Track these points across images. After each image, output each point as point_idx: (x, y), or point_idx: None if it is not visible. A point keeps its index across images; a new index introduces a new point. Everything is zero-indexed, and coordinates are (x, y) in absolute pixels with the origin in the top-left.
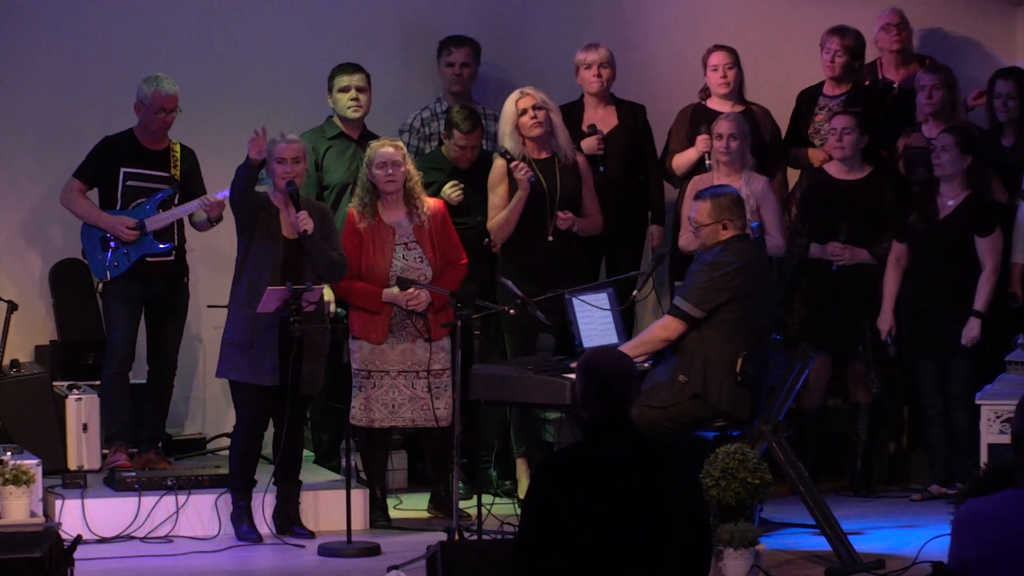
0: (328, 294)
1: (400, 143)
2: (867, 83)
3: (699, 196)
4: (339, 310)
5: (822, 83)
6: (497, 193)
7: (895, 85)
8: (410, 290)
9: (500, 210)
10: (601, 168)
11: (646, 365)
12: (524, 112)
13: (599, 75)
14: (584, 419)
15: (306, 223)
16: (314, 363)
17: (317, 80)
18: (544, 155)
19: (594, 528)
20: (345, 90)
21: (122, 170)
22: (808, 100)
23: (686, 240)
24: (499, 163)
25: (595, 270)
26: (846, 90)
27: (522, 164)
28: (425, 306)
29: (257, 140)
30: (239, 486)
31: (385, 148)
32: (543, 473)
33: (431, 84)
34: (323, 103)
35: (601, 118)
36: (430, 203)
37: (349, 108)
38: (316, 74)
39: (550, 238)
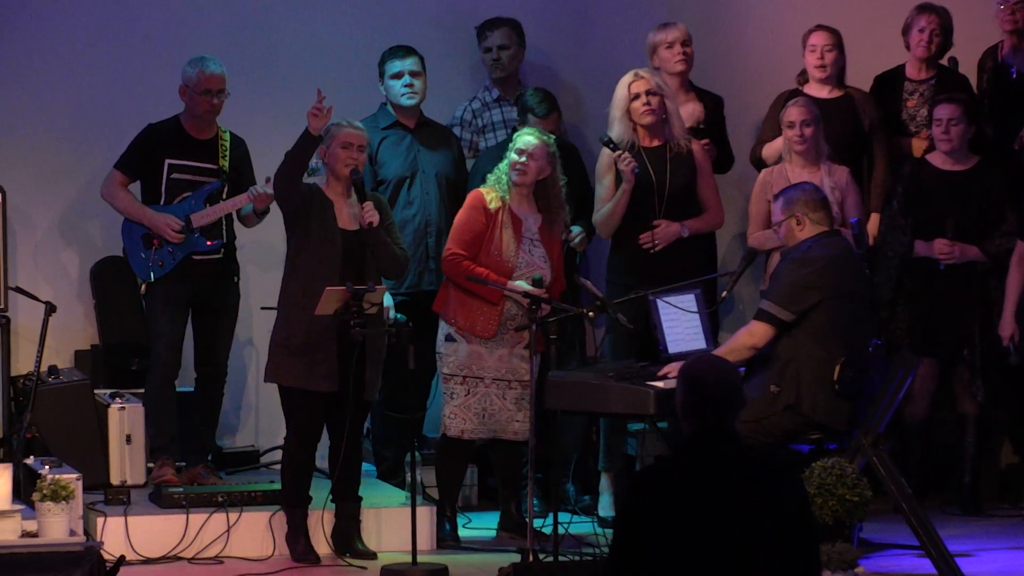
0: (388, 300)
1: (550, 138)
2: (946, 64)
3: (775, 197)
4: (399, 315)
5: (900, 67)
6: (603, 184)
7: (1014, 70)
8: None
9: (606, 202)
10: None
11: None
12: (636, 97)
13: (684, 53)
14: (684, 431)
15: (372, 215)
16: (374, 368)
17: (366, 65)
18: (656, 143)
19: (693, 545)
20: (397, 76)
21: (167, 161)
22: (890, 85)
23: (757, 239)
24: (605, 152)
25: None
26: (933, 74)
27: (626, 155)
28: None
29: (319, 114)
30: (293, 502)
31: (527, 137)
32: (639, 485)
33: (480, 72)
34: (372, 91)
35: (682, 104)
36: (559, 207)
37: (403, 95)
38: (366, 59)
39: (656, 244)
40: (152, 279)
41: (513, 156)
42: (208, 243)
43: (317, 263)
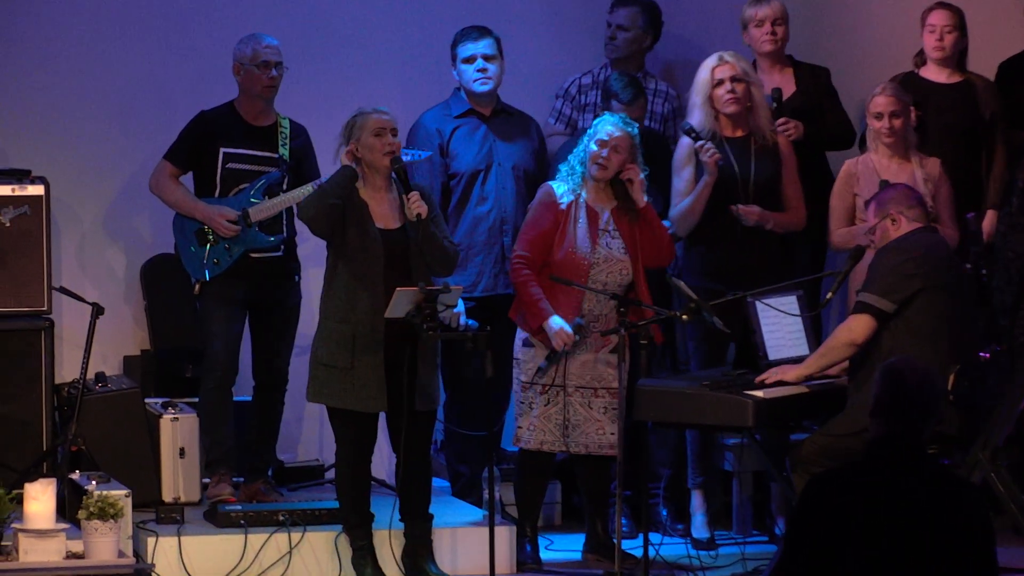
0: (457, 305)
1: (634, 127)
2: None
3: (865, 204)
4: (470, 321)
5: None
6: (682, 177)
7: None
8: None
9: (685, 196)
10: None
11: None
12: (720, 83)
13: (773, 33)
14: (869, 436)
15: (420, 205)
16: (430, 375)
17: (438, 46)
18: (739, 133)
19: (869, 563)
20: (470, 60)
21: (221, 150)
22: (1015, 73)
23: (842, 236)
24: (685, 142)
25: (790, 262)
26: None
27: (710, 146)
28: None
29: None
30: (354, 523)
31: (610, 127)
32: (813, 494)
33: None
34: (443, 75)
35: (779, 83)
36: (638, 198)
37: (476, 81)
38: (438, 39)
39: (741, 231)
40: (207, 278)
41: (593, 148)
42: (267, 239)
43: (357, 272)
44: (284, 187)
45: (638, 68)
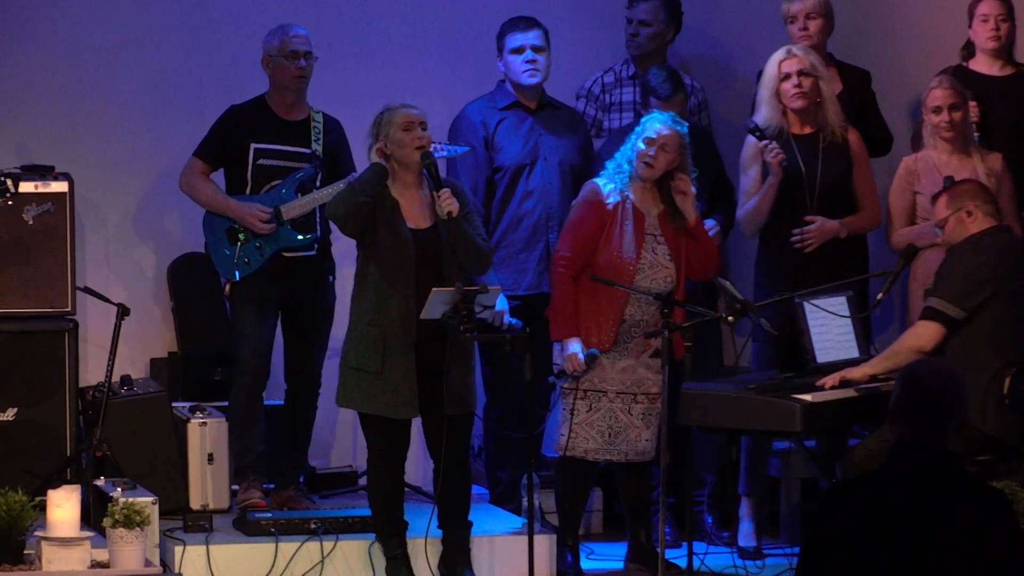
0: (501, 303)
1: (683, 126)
2: None
3: (933, 198)
4: (514, 320)
5: None
6: (749, 176)
7: None
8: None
9: (751, 196)
10: None
11: None
12: (787, 77)
13: (805, 28)
14: (891, 440)
15: (451, 203)
16: (465, 377)
17: (480, 37)
18: (807, 130)
19: (890, 573)
20: (518, 51)
21: (252, 146)
22: None
23: (904, 236)
24: (751, 141)
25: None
26: None
27: (774, 145)
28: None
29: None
30: (387, 532)
31: (658, 124)
32: (831, 501)
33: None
34: (486, 67)
35: None
36: (687, 202)
37: (525, 72)
38: (479, 29)
39: (810, 243)
40: (237, 278)
41: (641, 146)
42: (300, 237)
43: (388, 273)
44: (317, 184)
45: (661, 61)
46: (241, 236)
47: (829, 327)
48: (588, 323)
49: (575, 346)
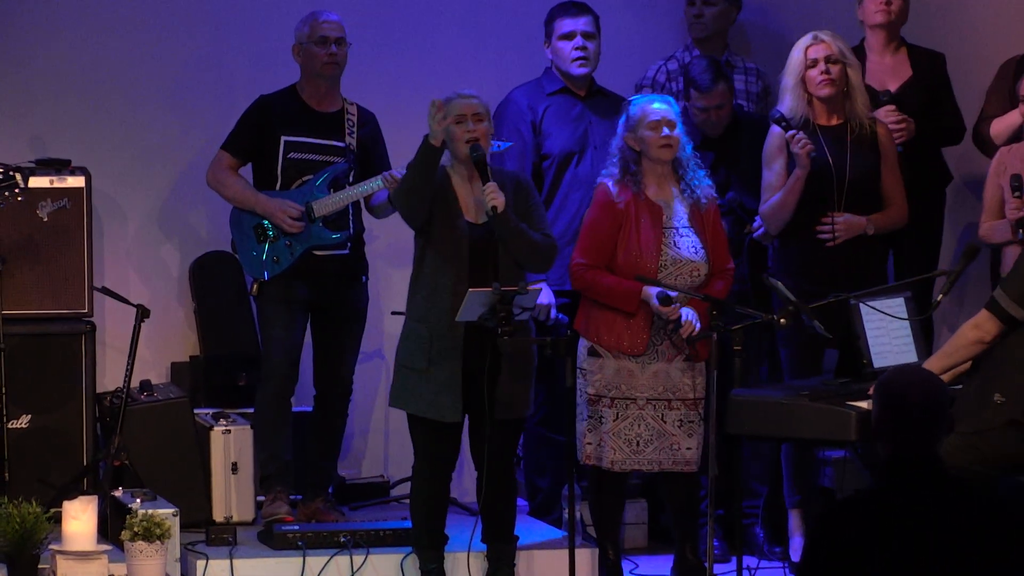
0: (549, 297)
1: (671, 100)
2: None
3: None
4: (560, 316)
5: None
6: (773, 169)
7: None
8: (673, 307)
9: (776, 190)
10: (899, 149)
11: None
12: (814, 64)
13: (886, 4)
14: (881, 457)
15: (495, 197)
16: (519, 382)
17: (524, 22)
18: (835, 121)
19: None
20: (568, 37)
21: (283, 139)
22: None
23: (987, 229)
24: (776, 131)
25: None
26: None
27: (801, 136)
28: (693, 330)
29: (440, 117)
30: (424, 543)
31: (657, 105)
32: (825, 526)
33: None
34: (532, 53)
35: (891, 68)
36: (702, 185)
37: (575, 61)
38: (521, 13)
39: (836, 236)
40: (266, 278)
41: (648, 133)
42: (332, 235)
43: (441, 268)
44: (351, 179)
45: (722, 46)
46: (270, 234)
47: (886, 330)
48: (619, 327)
49: (652, 292)
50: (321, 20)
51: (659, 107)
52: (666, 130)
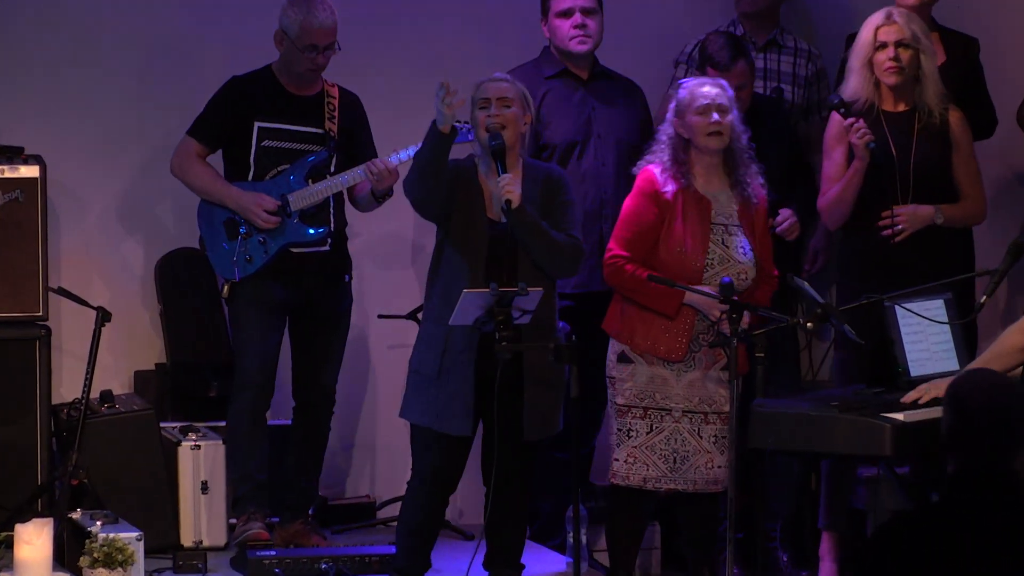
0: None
1: (724, 83)
2: None
3: None
4: (561, 323)
5: None
6: (833, 159)
7: None
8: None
9: (835, 182)
10: None
11: None
12: (883, 47)
13: None
14: (949, 470)
15: (509, 189)
16: (541, 396)
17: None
18: (901, 108)
19: None
20: (566, 14)
21: (257, 124)
22: None
23: None
24: (836, 118)
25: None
26: None
27: (861, 124)
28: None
29: (449, 107)
30: (401, 566)
31: (706, 88)
32: (883, 541)
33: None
34: (530, 32)
35: None
36: (755, 180)
37: (573, 39)
38: None
39: (901, 229)
40: (237, 278)
41: (695, 119)
42: (311, 231)
43: (457, 266)
44: (332, 169)
45: (773, 23)
46: (243, 230)
47: (925, 335)
48: (656, 329)
49: (696, 295)
50: (315, 26)
51: (709, 90)
52: (716, 115)
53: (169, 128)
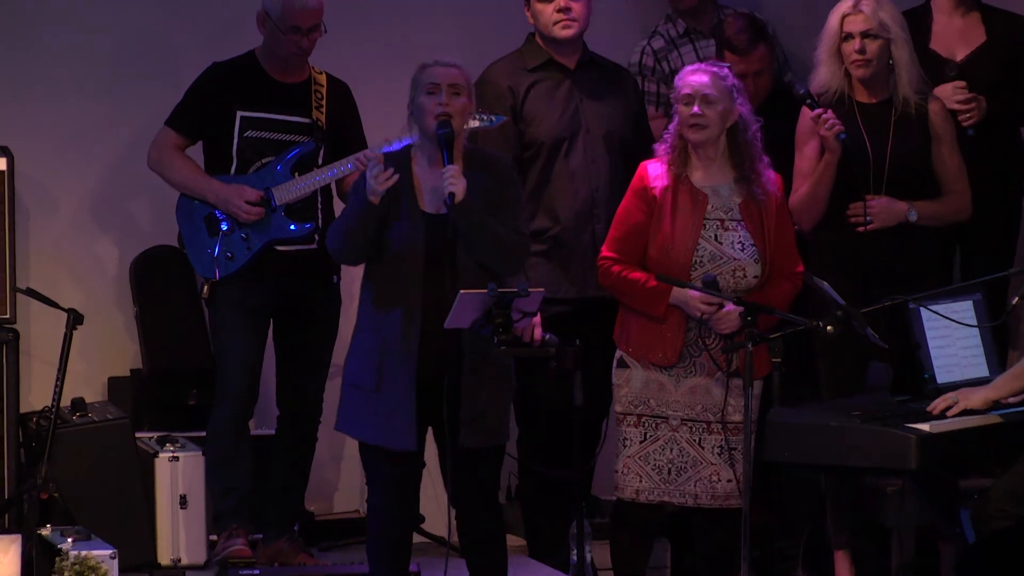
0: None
1: (721, 67)
2: None
3: None
4: (547, 335)
5: None
6: (804, 154)
7: None
8: (713, 303)
9: (808, 177)
10: (969, 132)
11: None
12: (849, 38)
13: None
14: None
15: (453, 182)
16: (493, 401)
17: None
18: (876, 98)
19: None
20: None
21: (239, 114)
22: None
23: None
24: (806, 112)
25: (947, 265)
26: None
27: (829, 115)
28: (735, 327)
29: (379, 180)
30: None
31: (694, 76)
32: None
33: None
34: (515, 19)
35: (960, 32)
36: (765, 174)
37: (557, 24)
38: None
39: (869, 220)
40: (217, 277)
41: (679, 108)
42: (294, 227)
43: (393, 268)
44: (319, 161)
45: (713, 5)
46: (224, 226)
47: (952, 338)
48: (650, 335)
49: (682, 295)
50: (297, 6)
51: (695, 79)
52: (697, 107)
53: (146, 118)
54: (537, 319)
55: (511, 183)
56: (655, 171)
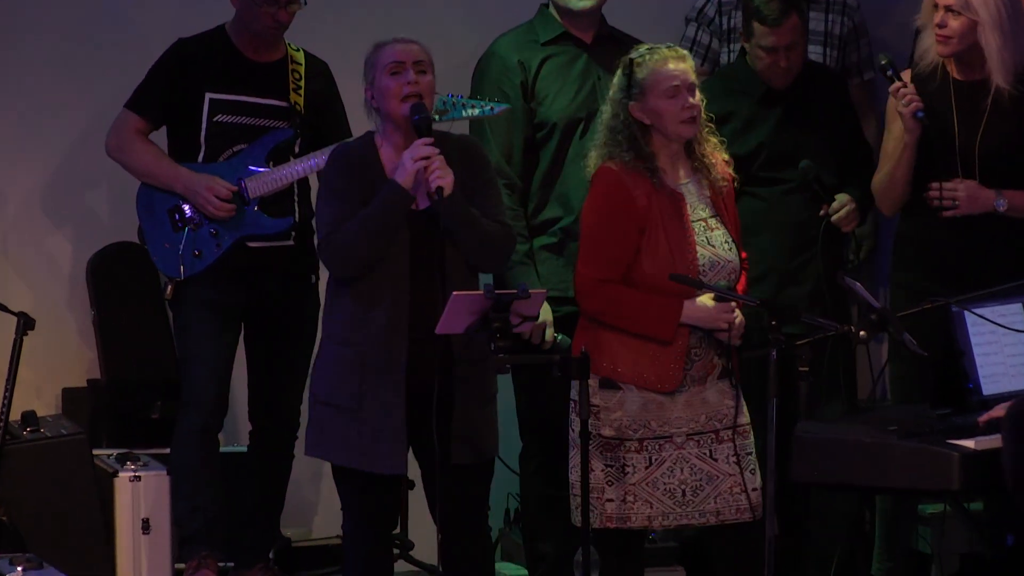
0: (545, 312)
1: (686, 54)
2: None
3: None
4: (559, 336)
5: None
6: (891, 132)
7: None
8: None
9: (891, 159)
10: None
11: None
12: (937, 8)
13: None
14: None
15: (441, 175)
16: (483, 413)
17: None
18: (972, 77)
19: None
20: None
21: (208, 96)
22: None
23: None
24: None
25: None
26: None
27: (909, 90)
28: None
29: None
30: None
31: (672, 64)
32: None
33: None
34: None
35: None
36: (719, 157)
37: None
38: None
39: (955, 203)
40: (183, 276)
41: (662, 103)
42: (272, 222)
43: (372, 270)
44: (296, 150)
45: None
46: (191, 219)
47: (999, 345)
48: (643, 358)
49: (695, 310)
50: None
51: (674, 67)
52: (688, 97)
53: (103, 104)
54: (549, 319)
55: (485, 166)
56: (627, 176)
